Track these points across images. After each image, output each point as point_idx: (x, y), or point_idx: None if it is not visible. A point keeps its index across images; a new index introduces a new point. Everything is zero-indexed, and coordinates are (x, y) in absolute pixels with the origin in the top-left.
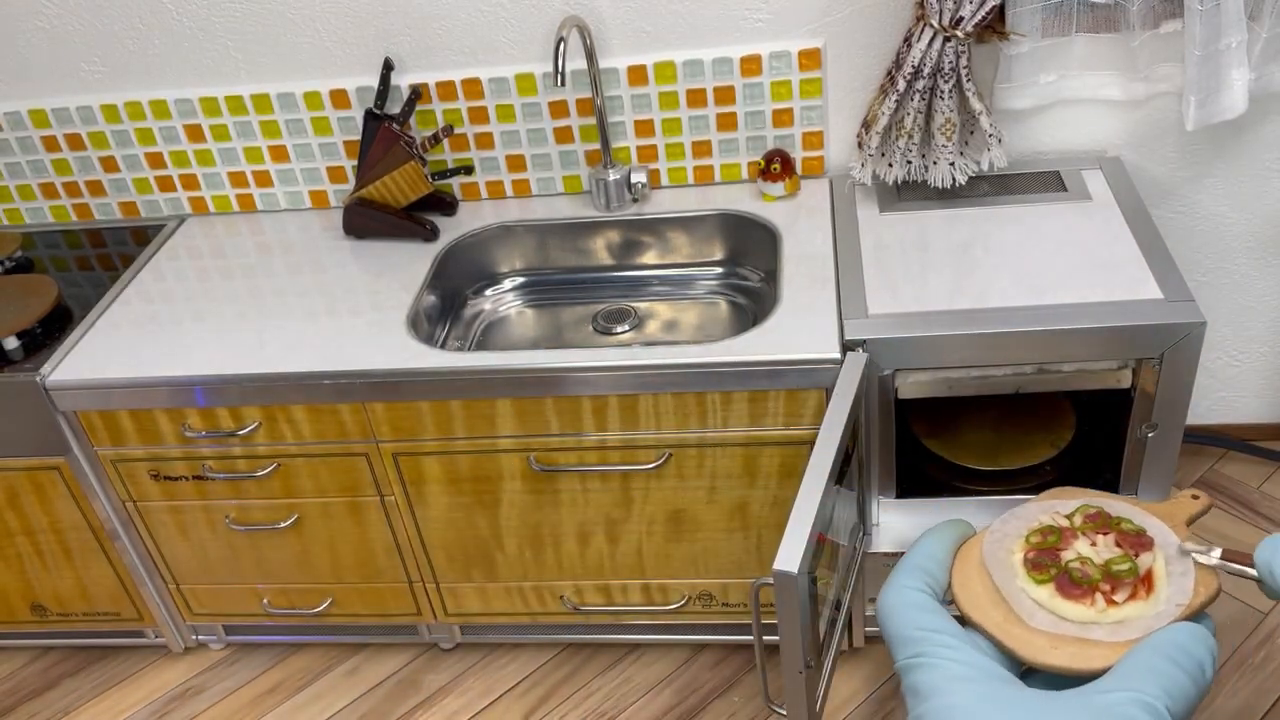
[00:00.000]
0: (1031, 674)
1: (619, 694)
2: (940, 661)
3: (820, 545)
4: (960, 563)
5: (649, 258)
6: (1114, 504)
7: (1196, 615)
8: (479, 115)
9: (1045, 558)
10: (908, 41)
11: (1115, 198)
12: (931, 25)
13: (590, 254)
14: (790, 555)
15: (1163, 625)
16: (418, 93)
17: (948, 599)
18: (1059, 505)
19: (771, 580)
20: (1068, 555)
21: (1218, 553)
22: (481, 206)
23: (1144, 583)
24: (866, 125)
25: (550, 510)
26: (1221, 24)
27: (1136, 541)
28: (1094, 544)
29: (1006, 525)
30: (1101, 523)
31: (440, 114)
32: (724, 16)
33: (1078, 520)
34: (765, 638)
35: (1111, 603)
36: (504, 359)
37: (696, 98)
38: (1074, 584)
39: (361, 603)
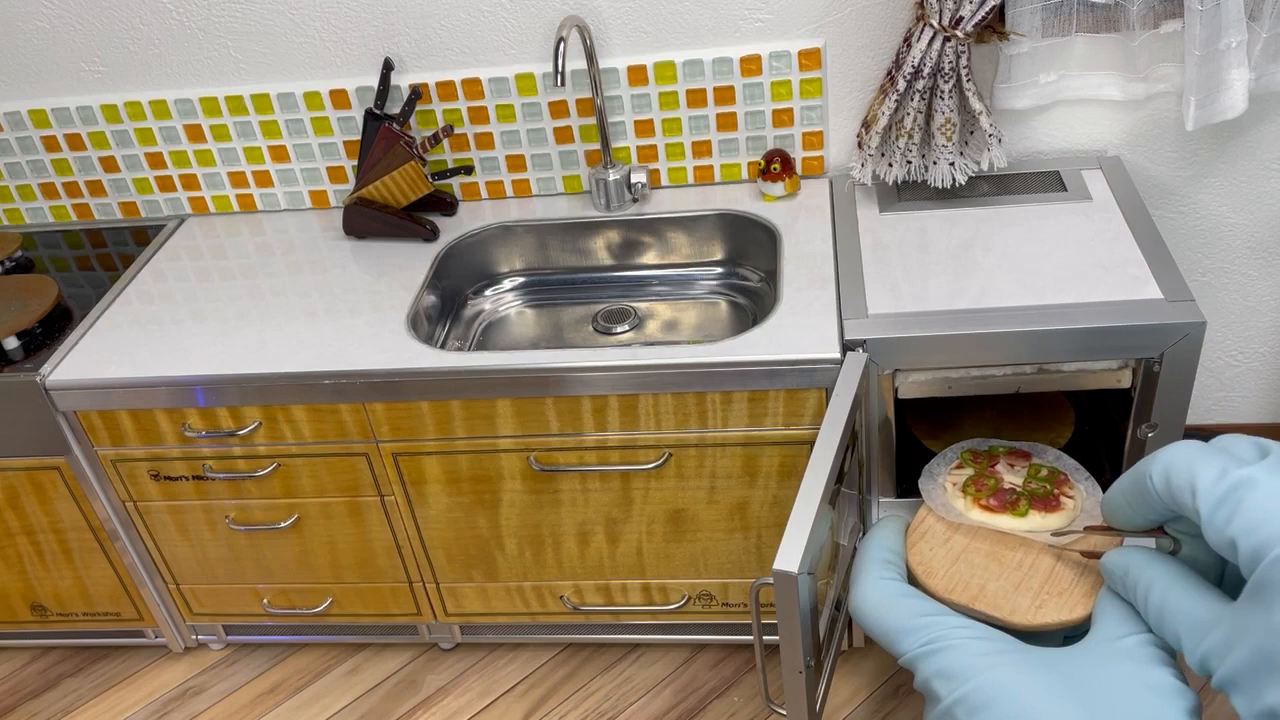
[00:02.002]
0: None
1: (619, 694)
2: (960, 641)
3: (822, 543)
4: (914, 552)
5: (649, 258)
6: (969, 442)
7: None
8: (479, 115)
9: (1006, 496)
10: (908, 41)
11: (1115, 198)
12: (931, 25)
13: (590, 254)
14: (790, 555)
15: (1098, 494)
16: (418, 93)
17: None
18: (942, 468)
19: (771, 580)
20: (1013, 485)
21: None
22: (481, 206)
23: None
24: (866, 125)
25: (550, 510)
26: (1221, 24)
27: (1022, 454)
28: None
29: (933, 501)
30: (988, 456)
31: (440, 114)
32: (724, 16)
33: (972, 466)
34: (765, 638)
35: (1070, 498)
36: (504, 359)
37: (696, 98)
38: (1043, 500)
39: (361, 603)
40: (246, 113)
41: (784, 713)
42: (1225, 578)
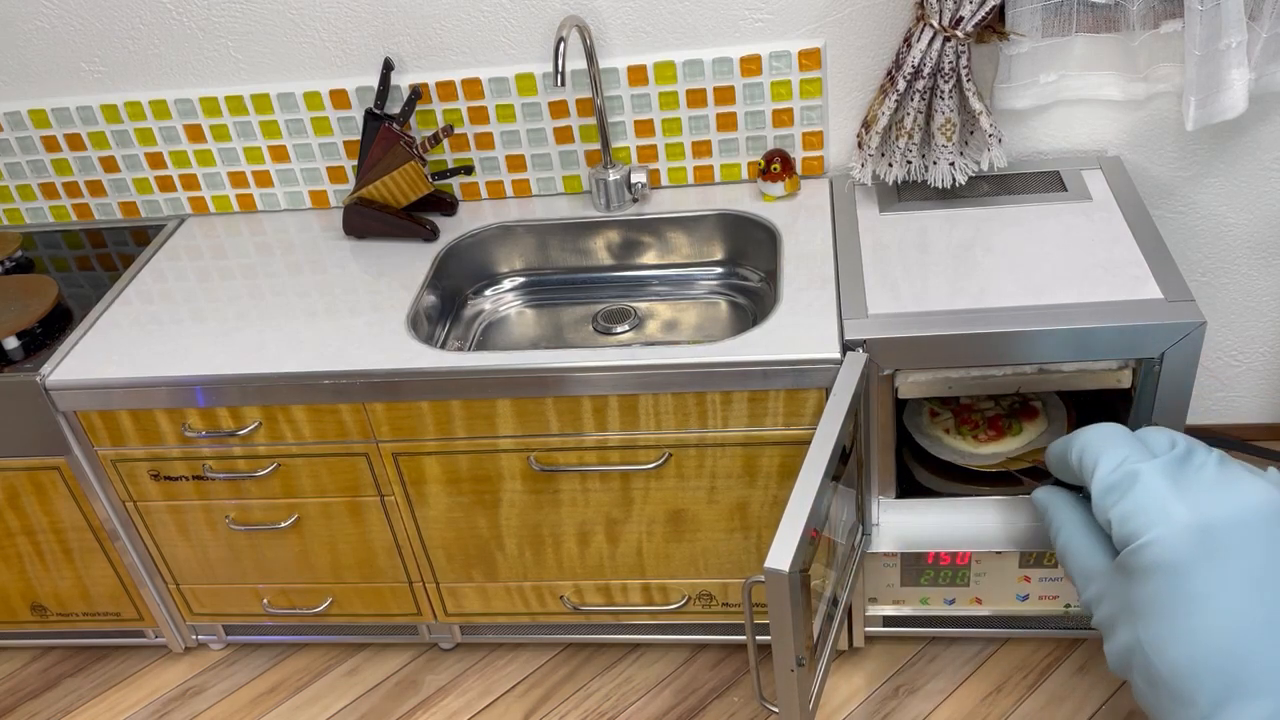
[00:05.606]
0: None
1: (619, 694)
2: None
3: (815, 542)
4: None
5: (649, 258)
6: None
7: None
8: (479, 115)
9: (1000, 422)
10: (908, 41)
11: (1115, 198)
12: (931, 25)
13: (590, 254)
14: (782, 553)
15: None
16: (418, 93)
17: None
18: (925, 422)
19: (763, 578)
20: (988, 410)
21: None
22: (481, 206)
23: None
24: (866, 125)
25: (550, 510)
26: (1221, 24)
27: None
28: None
29: (939, 451)
30: (962, 408)
31: (440, 114)
32: (724, 16)
33: (945, 409)
34: (759, 637)
35: (1034, 401)
36: (504, 359)
37: (696, 98)
38: (1024, 411)
39: (361, 603)
40: (246, 113)
41: (776, 710)
42: None
